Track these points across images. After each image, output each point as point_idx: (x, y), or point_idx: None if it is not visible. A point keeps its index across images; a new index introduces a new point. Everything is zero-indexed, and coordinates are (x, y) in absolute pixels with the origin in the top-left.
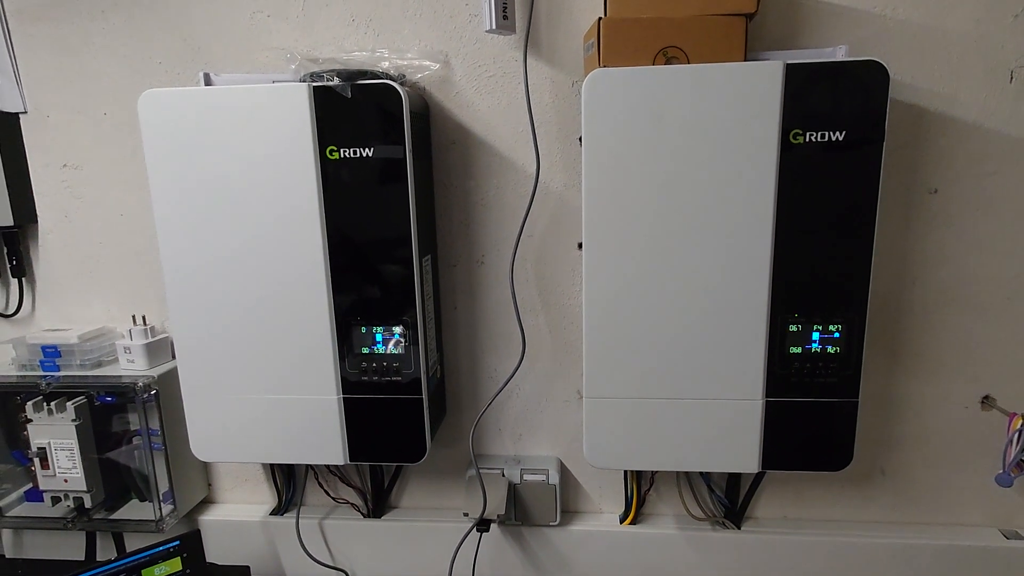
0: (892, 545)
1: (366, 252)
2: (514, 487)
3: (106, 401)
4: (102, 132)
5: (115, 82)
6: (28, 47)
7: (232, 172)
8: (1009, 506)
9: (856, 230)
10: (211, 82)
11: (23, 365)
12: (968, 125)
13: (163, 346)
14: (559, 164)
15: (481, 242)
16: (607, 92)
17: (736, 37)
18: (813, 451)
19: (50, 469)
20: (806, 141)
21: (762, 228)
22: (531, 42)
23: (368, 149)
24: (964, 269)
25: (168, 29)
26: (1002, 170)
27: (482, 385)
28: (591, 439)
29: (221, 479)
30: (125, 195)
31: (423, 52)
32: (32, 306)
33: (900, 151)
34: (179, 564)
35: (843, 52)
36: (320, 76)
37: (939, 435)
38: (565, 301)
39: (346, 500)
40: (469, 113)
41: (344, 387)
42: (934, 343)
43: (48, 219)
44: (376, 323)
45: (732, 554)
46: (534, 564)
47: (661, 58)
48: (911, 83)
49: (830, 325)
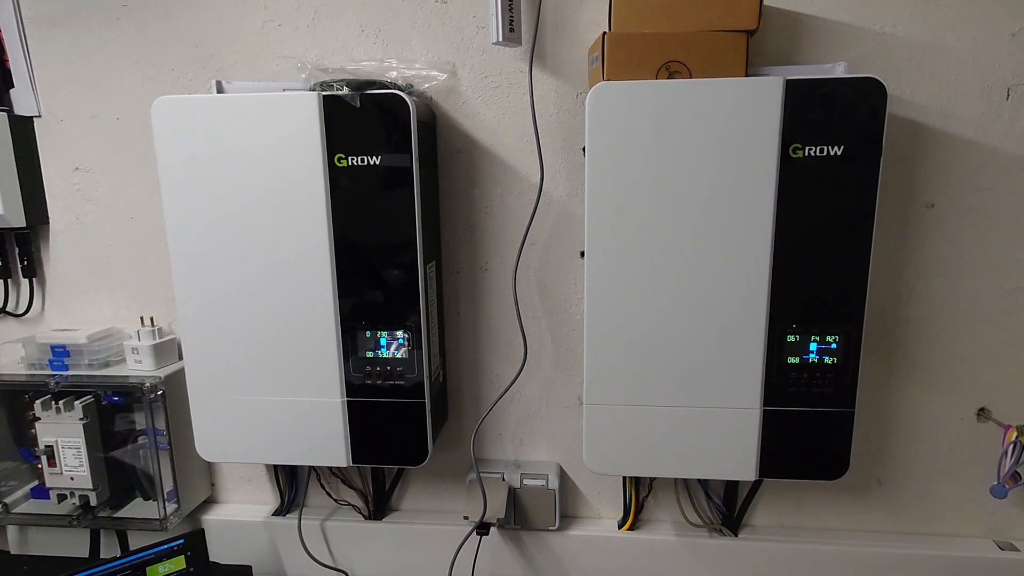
0: (887, 554)
1: (372, 258)
2: (514, 491)
3: (113, 401)
4: (114, 137)
5: (128, 88)
6: (43, 52)
7: (242, 178)
8: (1003, 518)
9: (854, 243)
10: (223, 89)
11: (32, 364)
12: (965, 141)
13: (170, 347)
14: (562, 174)
15: (485, 249)
16: (611, 104)
17: (737, 53)
18: (810, 460)
19: (57, 467)
20: (805, 155)
21: (761, 240)
22: (536, 54)
23: (375, 157)
24: (960, 282)
25: (181, 37)
26: (998, 185)
27: (483, 390)
28: (591, 445)
29: (224, 479)
30: (135, 199)
31: (431, 63)
32: (42, 306)
33: (898, 165)
34: (183, 562)
35: (842, 68)
36: (330, 85)
37: (934, 446)
38: (566, 308)
39: (347, 502)
40: (475, 123)
41: (348, 390)
42: (930, 355)
43: (60, 221)
44: (380, 327)
45: (729, 561)
46: (533, 568)
47: (664, 72)
48: (909, 99)
49: (827, 336)
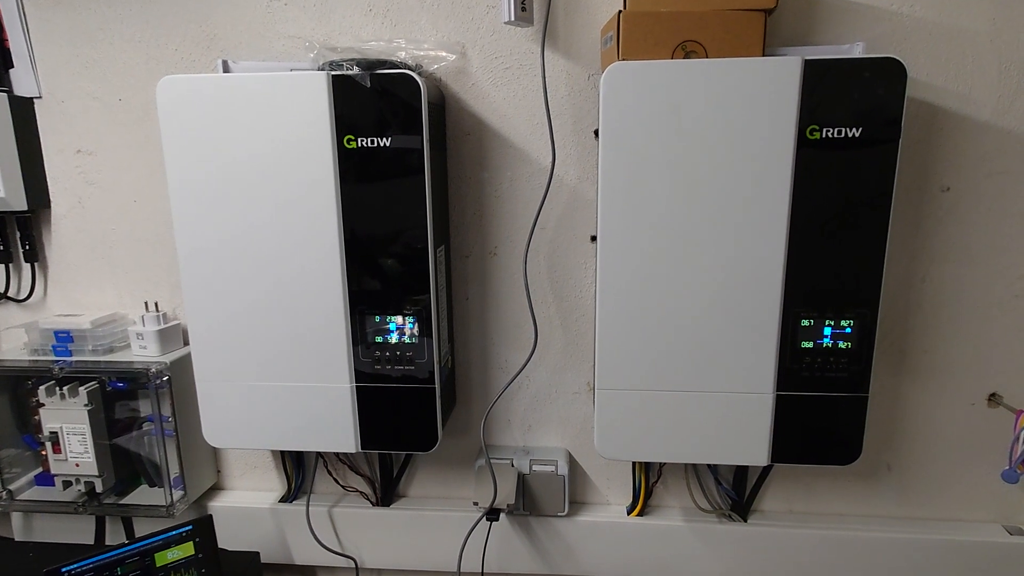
0: (897, 540)
1: (381, 241)
2: (523, 477)
3: (118, 387)
4: (117, 118)
5: (130, 68)
6: (44, 32)
7: (249, 159)
8: (1014, 503)
9: (870, 226)
10: (229, 69)
11: (35, 350)
12: (981, 123)
13: (175, 332)
14: (573, 157)
15: (494, 233)
16: (625, 85)
17: (755, 32)
18: (822, 445)
19: (62, 453)
20: (823, 137)
21: (777, 223)
22: (548, 34)
23: (385, 139)
24: (973, 267)
25: (185, 16)
26: (1013, 169)
27: (492, 376)
28: (602, 430)
29: (230, 466)
30: (139, 181)
31: (440, 43)
32: (44, 291)
33: (913, 148)
34: (191, 548)
35: (860, 49)
36: (339, 65)
37: (945, 431)
38: (576, 294)
39: (355, 488)
40: (485, 104)
41: (357, 376)
42: (942, 340)
43: (61, 204)
44: (390, 312)
45: (738, 546)
46: (542, 554)
47: (680, 52)
48: (926, 80)
49: (842, 320)
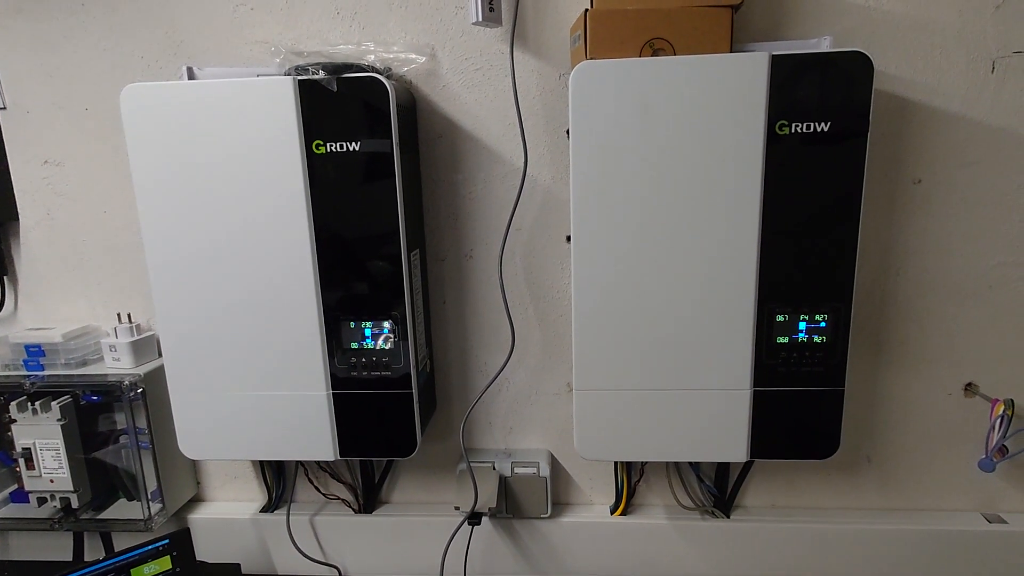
0: (878, 531)
1: (354, 247)
2: (505, 480)
3: (92, 400)
4: (84, 128)
5: (96, 77)
6: (6, 41)
7: (217, 167)
8: (991, 491)
9: (842, 220)
10: (195, 76)
11: (6, 365)
12: (951, 115)
13: (149, 344)
14: (547, 157)
15: (469, 236)
16: (594, 84)
17: (722, 29)
18: (800, 439)
19: (35, 470)
20: (792, 132)
21: (749, 219)
22: (517, 34)
23: (355, 143)
24: (947, 258)
25: (150, 23)
26: (984, 160)
27: (472, 379)
28: (581, 431)
29: (210, 477)
30: (108, 191)
31: (409, 45)
32: (15, 305)
33: (884, 141)
34: (169, 563)
35: (828, 43)
36: (305, 69)
37: (923, 422)
38: (554, 294)
39: (337, 496)
40: (456, 106)
41: (333, 383)
42: (918, 331)
43: (30, 216)
44: (365, 318)
45: (722, 543)
46: (526, 556)
47: (648, 50)
48: (895, 73)
49: (816, 315)
